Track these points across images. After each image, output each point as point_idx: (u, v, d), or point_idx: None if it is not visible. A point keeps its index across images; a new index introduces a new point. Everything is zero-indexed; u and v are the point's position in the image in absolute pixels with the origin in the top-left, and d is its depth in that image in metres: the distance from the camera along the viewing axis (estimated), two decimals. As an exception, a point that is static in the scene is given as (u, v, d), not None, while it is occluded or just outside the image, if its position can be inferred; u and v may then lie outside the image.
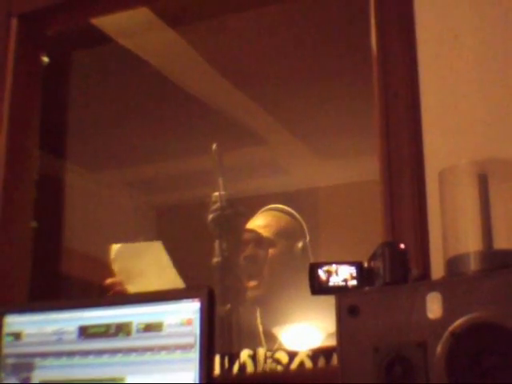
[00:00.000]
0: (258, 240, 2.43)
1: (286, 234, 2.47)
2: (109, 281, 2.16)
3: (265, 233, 2.45)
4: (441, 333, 1.15)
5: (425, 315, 1.18)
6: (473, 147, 1.68)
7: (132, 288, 2.13)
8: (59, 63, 2.66)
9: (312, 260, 2.42)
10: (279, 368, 1.91)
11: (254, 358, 1.92)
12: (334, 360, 1.74)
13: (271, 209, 2.55)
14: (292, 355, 1.90)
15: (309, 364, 1.88)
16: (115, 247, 2.17)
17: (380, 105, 1.82)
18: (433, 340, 1.16)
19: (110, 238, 2.28)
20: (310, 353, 1.87)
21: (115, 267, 2.16)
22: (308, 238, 2.48)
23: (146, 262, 2.14)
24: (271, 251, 2.42)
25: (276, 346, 2.23)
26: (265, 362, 1.92)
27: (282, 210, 2.53)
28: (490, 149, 1.66)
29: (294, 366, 1.90)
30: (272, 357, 1.91)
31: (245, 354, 1.94)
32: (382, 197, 1.77)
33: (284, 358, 1.90)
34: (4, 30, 2.40)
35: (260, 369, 1.93)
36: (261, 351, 1.94)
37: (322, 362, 1.85)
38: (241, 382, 1.88)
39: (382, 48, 1.86)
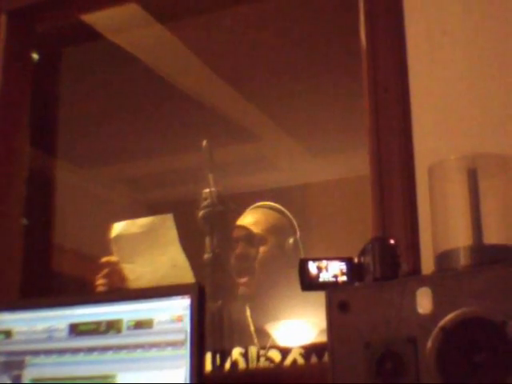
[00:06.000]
0: (249, 237, 2.42)
1: (276, 231, 2.46)
2: (105, 259, 2.16)
3: (255, 229, 2.44)
4: (431, 328, 1.16)
5: (415, 310, 1.18)
6: (462, 142, 1.68)
7: (128, 267, 2.12)
8: (49, 60, 2.65)
9: (303, 256, 2.42)
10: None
11: (245, 355, 1.92)
12: (327, 357, 1.74)
13: (260, 206, 2.54)
14: (285, 353, 1.90)
15: (301, 362, 1.88)
16: (117, 225, 2.16)
17: (370, 101, 1.82)
18: (423, 335, 1.16)
19: (100, 234, 2.27)
20: (303, 350, 1.87)
21: (114, 246, 2.15)
22: (298, 234, 2.48)
23: (151, 238, 2.13)
24: (262, 248, 2.41)
25: (269, 343, 2.23)
26: (257, 360, 1.92)
27: (270, 207, 2.52)
28: (480, 144, 1.66)
29: (286, 364, 1.90)
30: (265, 355, 1.92)
31: (236, 352, 1.94)
32: (372, 192, 1.77)
33: (277, 357, 1.90)
34: (-6, 27, 2.40)
35: (253, 367, 1.93)
36: (253, 349, 1.94)
37: (314, 359, 1.85)
38: (232, 379, 1.88)
39: (372, 44, 1.86)
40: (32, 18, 2.47)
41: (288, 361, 1.88)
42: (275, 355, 1.90)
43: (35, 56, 2.50)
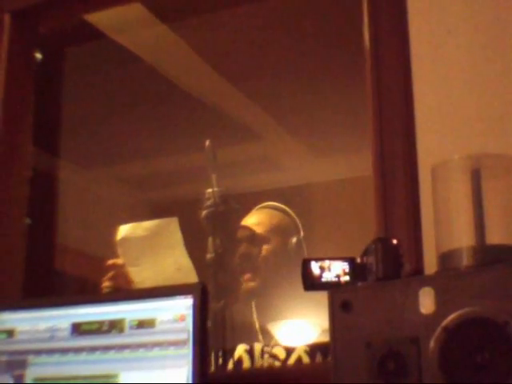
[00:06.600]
0: (252, 237, 2.43)
1: (280, 231, 2.47)
2: (110, 262, 2.16)
3: (258, 230, 2.45)
4: (434, 328, 1.15)
5: (417, 310, 1.18)
6: (466, 142, 1.68)
7: (134, 270, 2.12)
8: (52, 59, 2.65)
9: (306, 256, 2.42)
10: (276, 364, 1.91)
11: (250, 352, 1.92)
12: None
13: (264, 207, 2.55)
14: (289, 351, 1.90)
15: (306, 360, 1.88)
16: (123, 228, 2.15)
17: (373, 101, 1.82)
18: (426, 335, 1.16)
19: (103, 234, 2.27)
20: (308, 348, 1.86)
21: (119, 249, 2.15)
22: (302, 234, 2.48)
23: (156, 241, 2.13)
24: (265, 247, 2.42)
25: (272, 342, 2.23)
26: (262, 357, 1.92)
27: (275, 208, 2.53)
28: (483, 144, 1.66)
29: (291, 361, 1.90)
30: (269, 352, 1.91)
31: (241, 349, 1.94)
32: (375, 192, 1.77)
33: (281, 354, 1.90)
34: (-4, 27, 2.40)
35: (257, 364, 1.92)
36: (258, 346, 1.94)
37: (319, 357, 1.85)
38: (236, 379, 1.88)
39: (375, 44, 1.86)
40: (35, 17, 2.47)
41: (292, 358, 1.88)
42: (280, 352, 1.90)
43: (38, 56, 2.51)
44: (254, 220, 2.49)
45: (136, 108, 3.64)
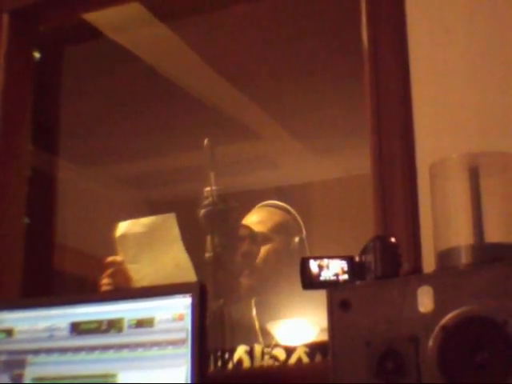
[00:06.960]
0: (253, 236, 2.42)
1: (282, 229, 2.46)
2: (109, 259, 2.16)
3: (259, 228, 2.44)
4: (432, 327, 1.15)
5: (416, 309, 1.18)
6: (464, 140, 1.68)
7: (134, 267, 2.12)
8: (51, 59, 2.65)
9: (309, 255, 2.41)
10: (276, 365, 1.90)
11: (250, 353, 1.92)
12: (330, 356, 1.73)
13: (266, 205, 2.54)
14: (289, 351, 1.89)
15: (306, 360, 1.87)
16: (122, 225, 2.15)
17: (371, 99, 1.82)
18: (424, 334, 1.16)
19: (102, 233, 2.27)
20: (308, 349, 1.86)
21: (118, 246, 2.15)
22: (304, 233, 2.48)
23: (154, 238, 2.12)
24: (267, 246, 2.42)
25: (273, 342, 2.22)
26: (262, 358, 1.91)
27: (276, 206, 2.53)
28: (482, 142, 1.66)
29: (291, 362, 1.89)
30: (269, 353, 1.91)
31: (241, 350, 1.94)
32: (374, 191, 1.77)
33: (281, 355, 1.90)
34: (-5, 26, 2.40)
35: (257, 365, 1.92)
36: (258, 347, 1.93)
37: (318, 358, 1.85)
38: (235, 379, 1.88)
39: (374, 43, 1.86)
40: (34, 17, 2.47)
41: (293, 359, 1.87)
42: (280, 353, 1.90)
43: (37, 55, 2.50)
44: (256, 218, 2.48)
45: (135, 107, 3.64)
